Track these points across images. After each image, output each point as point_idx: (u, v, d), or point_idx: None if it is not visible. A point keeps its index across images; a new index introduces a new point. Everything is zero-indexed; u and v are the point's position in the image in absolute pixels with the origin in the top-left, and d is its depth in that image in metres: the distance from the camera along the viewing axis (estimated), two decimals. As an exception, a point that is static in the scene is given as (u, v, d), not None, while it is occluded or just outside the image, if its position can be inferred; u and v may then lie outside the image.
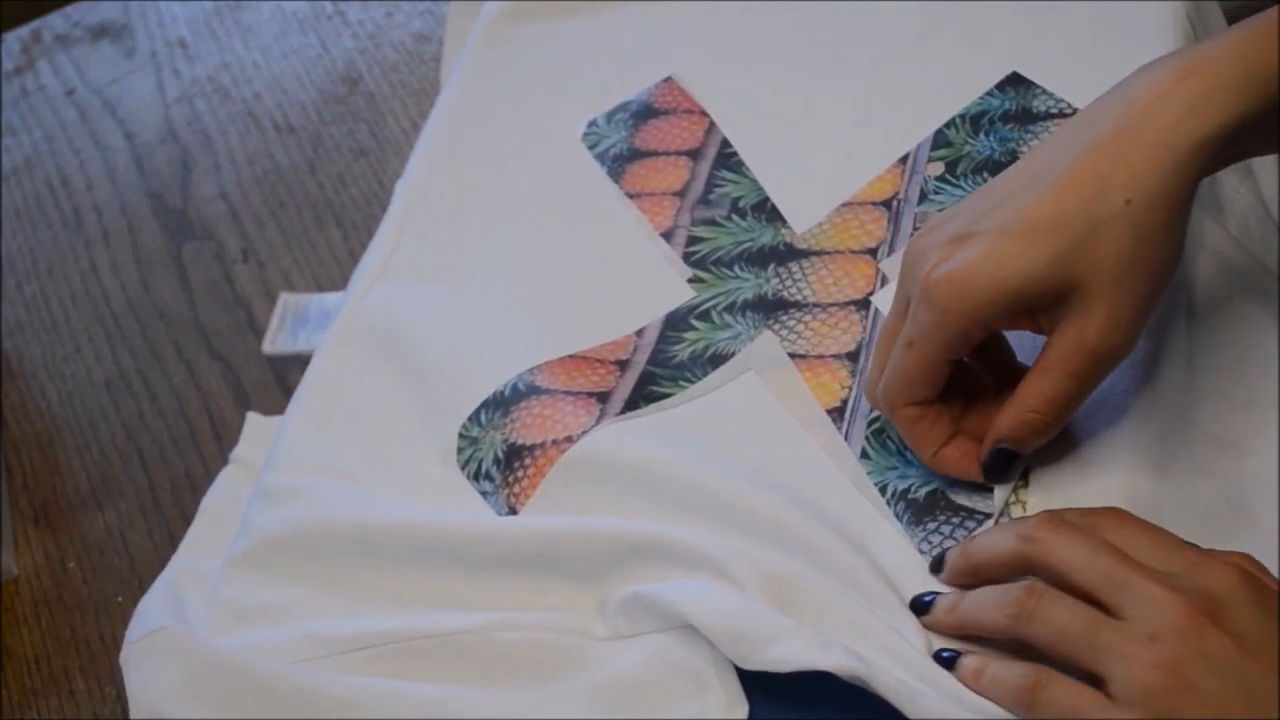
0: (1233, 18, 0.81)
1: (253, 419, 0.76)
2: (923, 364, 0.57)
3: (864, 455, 0.61)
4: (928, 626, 0.56)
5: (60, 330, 0.87)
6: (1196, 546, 0.53)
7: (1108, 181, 0.54)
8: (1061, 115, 0.71)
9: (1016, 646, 0.54)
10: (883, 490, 0.60)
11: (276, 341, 0.80)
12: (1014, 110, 0.72)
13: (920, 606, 0.57)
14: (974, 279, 0.55)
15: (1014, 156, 0.70)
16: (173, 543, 0.75)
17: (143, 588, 0.74)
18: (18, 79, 1.02)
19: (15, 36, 1.05)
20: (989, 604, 0.54)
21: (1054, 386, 0.55)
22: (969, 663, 0.54)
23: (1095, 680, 0.50)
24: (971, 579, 0.56)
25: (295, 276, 0.86)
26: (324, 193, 0.90)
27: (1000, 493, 0.59)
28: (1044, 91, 0.72)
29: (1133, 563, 0.52)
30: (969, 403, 0.60)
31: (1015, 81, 0.73)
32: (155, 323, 0.86)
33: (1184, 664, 0.48)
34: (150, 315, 0.87)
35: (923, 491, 0.60)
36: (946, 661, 0.55)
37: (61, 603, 0.75)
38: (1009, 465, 0.58)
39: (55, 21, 1.05)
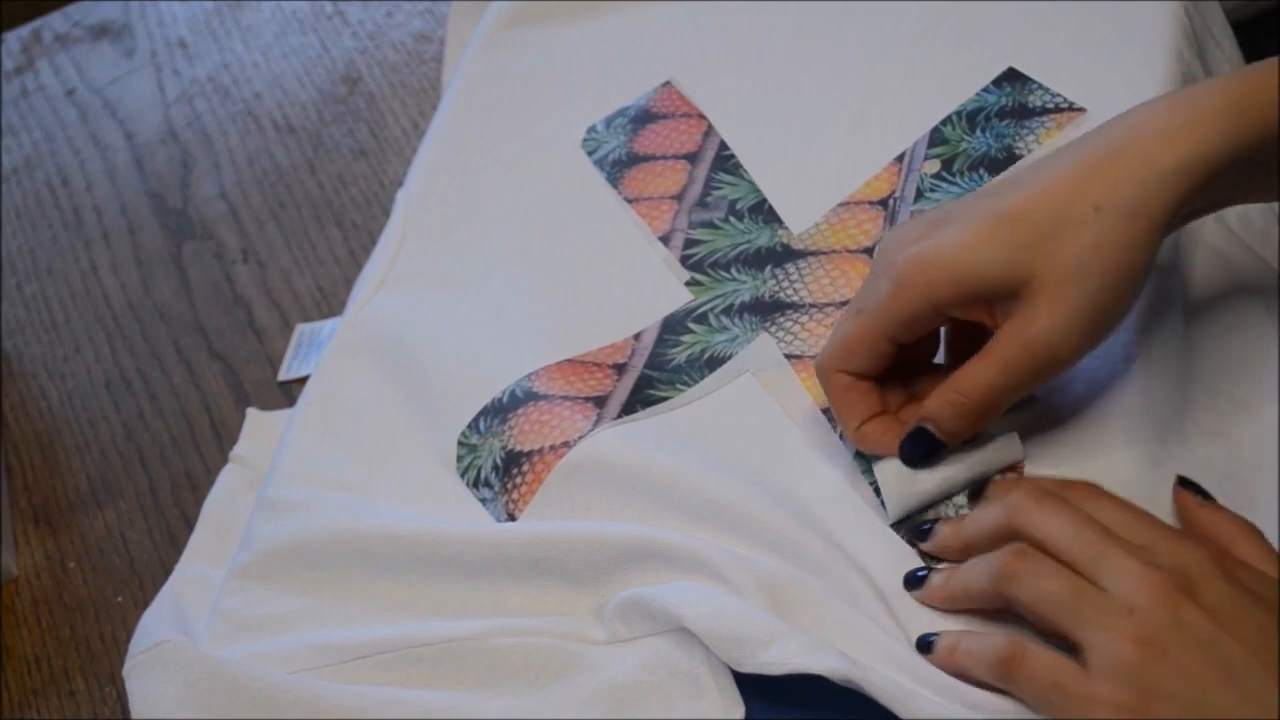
0: (1234, 18, 0.81)
1: (253, 415, 0.77)
2: (866, 334, 0.57)
3: (858, 454, 0.61)
4: (922, 601, 0.56)
5: (60, 330, 0.87)
6: (1170, 526, 0.54)
7: (1082, 188, 0.54)
8: (1058, 110, 0.71)
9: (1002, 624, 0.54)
10: (877, 491, 0.60)
11: (291, 369, 0.80)
12: (1010, 106, 0.72)
13: (913, 581, 0.57)
14: (932, 260, 0.55)
15: (1010, 153, 0.70)
16: (173, 542, 0.75)
17: (143, 588, 0.74)
18: (18, 79, 1.02)
19: (15, 36, 1.05)
20: (977, 569, 0.54)
21: (986, 374, 0.55)
22: (945, 640, 0.54)
23: (1070, 648, 0.51)
24: (961, 554, 0.56)
25: (295, 276, 0.86)
26: (324, 193, 0.90)
27: (897, 500, 0.58)
28: (1040, 86, 0.72)
29: (1111, 536, 0.52)
30: (910, 399, 0.60)
31: (1011, 77, 0.73)
32: (155, 323, 0.86)
33: (1161, 637, 0.49)
34: (150, 315, 0.87)
35: None
36: (926, 646, 0.55)
37: (61, 603, 0.75)
38: (928, 449, 0.58)
39: (55, 21, 1.05)
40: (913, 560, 0.59)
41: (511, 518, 0.64)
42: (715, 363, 0.66)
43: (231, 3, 1.03)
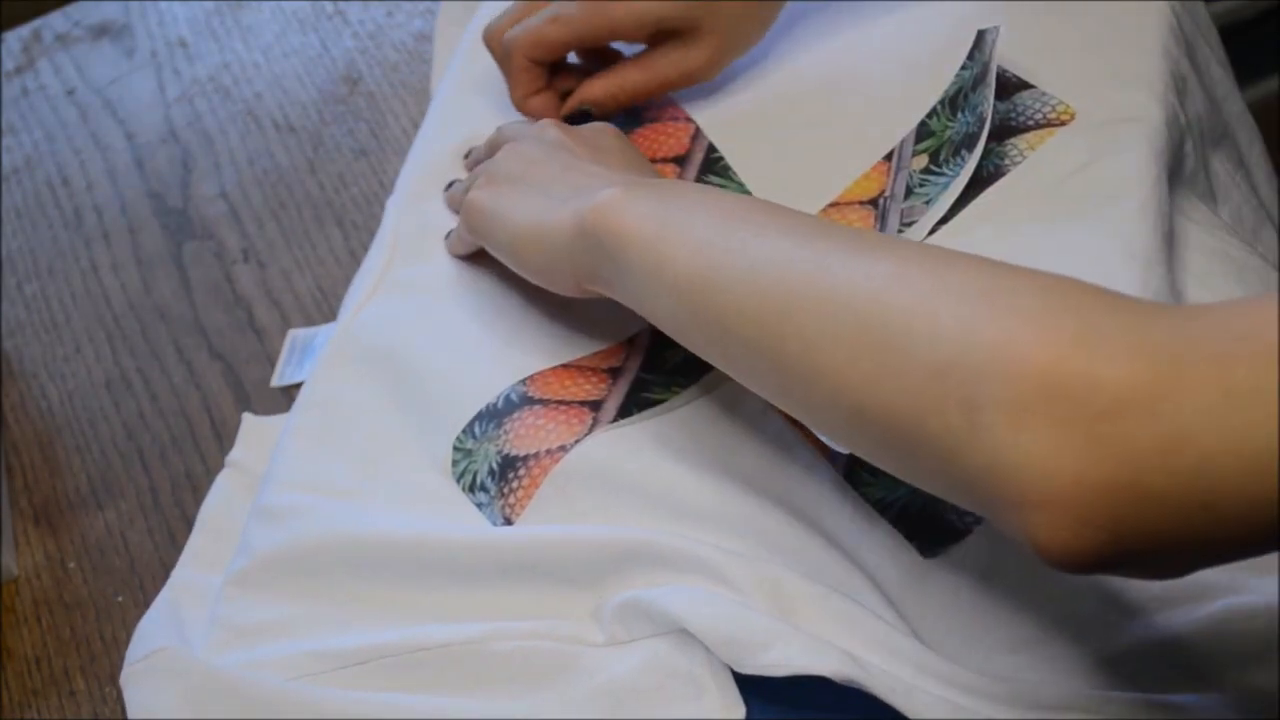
0: (1234, 18, 0.81)
1: (249, 420, 0.76)
2: (556, 39, 0.74)
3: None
4: (451, 251, 0.74)
5: (60, 330, 0.87)
6: None
7: None
8: (1049, 124, 0.70)
9: None
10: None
11: (284, 375, 0.80)
12: (979, 72, 0.70)
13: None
14: (619, 5, 0.73)
15: (982, 122, 0.68)
16: (173, 542, 0.75)
17: (143, 588, 0.74)
18: (18, 78, 1.02)
19: (16, 36, 1.05)
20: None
21: (643, 79, 0.75)
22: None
23: None
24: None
25: (295, 276, 0.86)
26: (324, 193, 0.90)
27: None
28: (989, 31, 0.70)
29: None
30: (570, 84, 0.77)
31: (979, 43, 0.71)
32: (155, 323, 0.86)
33: (530, 143, 0.69)
34: (150, 315, 0.87)
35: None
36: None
37: (62, 603, 0.75)
38: (582, 121, 0.74)
39: (56, 21, 1.05)
40: (911, 554, 0.59)
41: (508, 522, 0.64)
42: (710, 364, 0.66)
43: (232, 2, 1.03)
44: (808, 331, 0.51)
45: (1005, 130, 0.70)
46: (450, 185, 0.77)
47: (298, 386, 0.74)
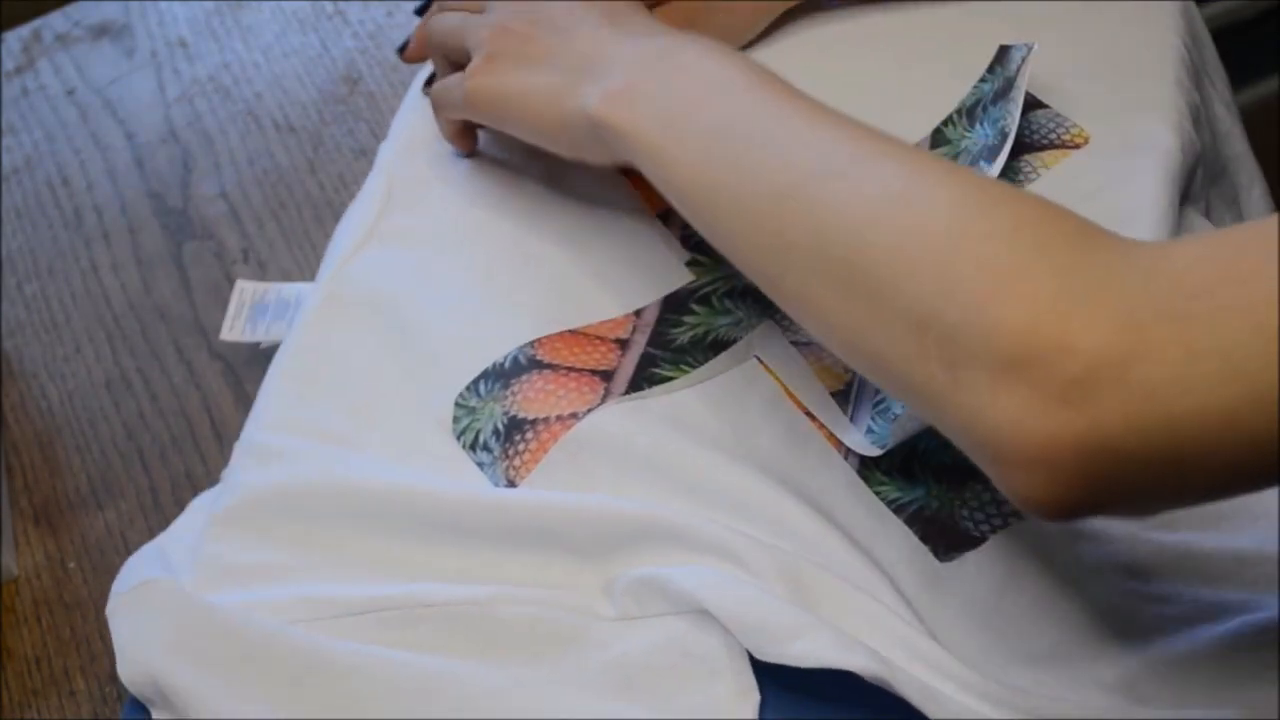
0: (1234, 18, 0.81)
1: None
2: None
3: (869, 431, 0.61)
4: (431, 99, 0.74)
5: (60, 330, 0.87)
6: None
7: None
8: (1062, 145, 0.69)
9: None
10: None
11: (234, 329, 0.79)
12: (1001, 87, 0.70)
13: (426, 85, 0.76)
14: None
15: (1004, 136, 0.68)
16: (173, 543, 0.75)
17: (143, 588, 0.74)
18: (18, 78, 1.02)
19: (15, 36, 1.05)
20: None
21: None
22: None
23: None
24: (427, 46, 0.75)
25: (296, 276, 0.86)
26: (324, 193, 0.90)
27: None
28: (1017, 48, 0.70)
29: None
30: None
31: (1001, 58, 0.71)
32: (155, 323, 0.86)
33: (510, 19, 0.67)
34: (150, 315, 0.87)
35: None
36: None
37: (62, 603, 0.75)
38: None
39: (56, 21, 1.05)
40: (927, 555, 0.59)
41: (511, 484, 0.63)
42: (719, 345, 0.66)
43: (232, 2, 1.03)
44: (801, 269, 0.54)
45: (1019, 147, 0.70)
46: (429, 81, 0.76)
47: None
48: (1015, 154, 0.69)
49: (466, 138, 0.75)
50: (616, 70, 0.62)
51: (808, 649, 0.54)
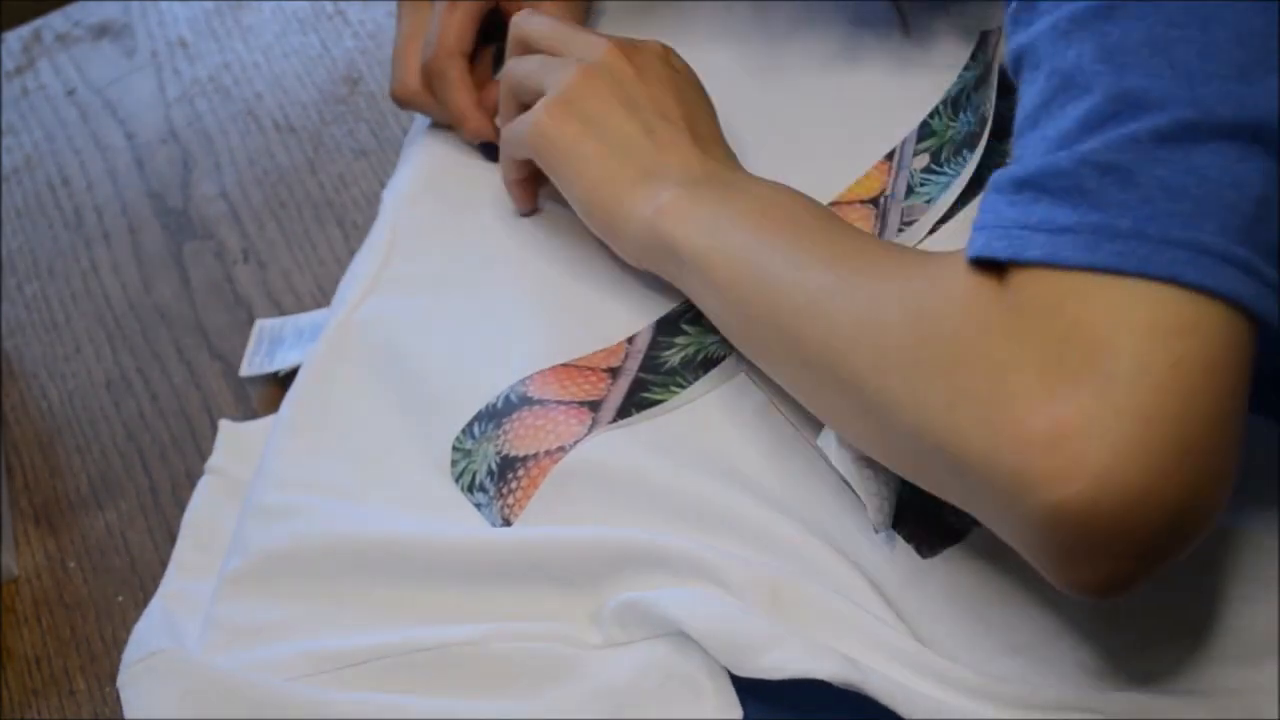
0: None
1: (226, 426, 0.76)
2: (466, 19, 0.76)
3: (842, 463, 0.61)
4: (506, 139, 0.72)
5: (60, 330, 0.87)
6: None
7: None
8: None
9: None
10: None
11: (252, 365, 0.79)
12: (981, 73, 0.70)
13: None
14: None
15: (984, 122, 0.68)
16: (173, 543, 0.75)
17: (143, 588, 0.74)
18: (18, 78, 1.02)
19: (16, 36, 1.05)
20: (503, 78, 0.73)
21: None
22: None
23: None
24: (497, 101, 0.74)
25: (295, 276, 0.86)
26: (325, 193, 0.90)
27: (876, 504, 0.60)
28: (994, 33, 0.70)
29: (577, 28, 0.72)
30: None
31: (981, 44, 0.71)
32: (155, 323, 0.86)
33: (593, 72, 0.67)
34: (150, 315, 0.87)
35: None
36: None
37: (62, 603, 0.75)
38: None
39: (56, 21, 1.05)
40: (911, 556, 0.59)
41: (507, 523, 0.64)
42: (709, 364, 0.66)
43: (232, 2, 1.03)
44: (826, 390, 0.56)
45: (1006, 129, 0.70)
46: (498, 75, 0.76)
47: (263, 379, 0.74)
48: (1002, 136, 0.69)
49: (527, 191, 0.74)
50: (675, 188, 0.64)
51: (779, 660, 0.55)
